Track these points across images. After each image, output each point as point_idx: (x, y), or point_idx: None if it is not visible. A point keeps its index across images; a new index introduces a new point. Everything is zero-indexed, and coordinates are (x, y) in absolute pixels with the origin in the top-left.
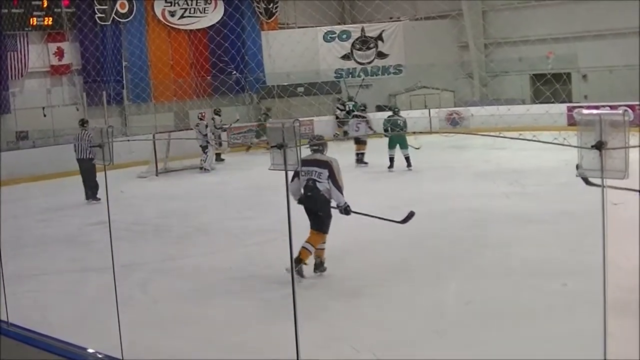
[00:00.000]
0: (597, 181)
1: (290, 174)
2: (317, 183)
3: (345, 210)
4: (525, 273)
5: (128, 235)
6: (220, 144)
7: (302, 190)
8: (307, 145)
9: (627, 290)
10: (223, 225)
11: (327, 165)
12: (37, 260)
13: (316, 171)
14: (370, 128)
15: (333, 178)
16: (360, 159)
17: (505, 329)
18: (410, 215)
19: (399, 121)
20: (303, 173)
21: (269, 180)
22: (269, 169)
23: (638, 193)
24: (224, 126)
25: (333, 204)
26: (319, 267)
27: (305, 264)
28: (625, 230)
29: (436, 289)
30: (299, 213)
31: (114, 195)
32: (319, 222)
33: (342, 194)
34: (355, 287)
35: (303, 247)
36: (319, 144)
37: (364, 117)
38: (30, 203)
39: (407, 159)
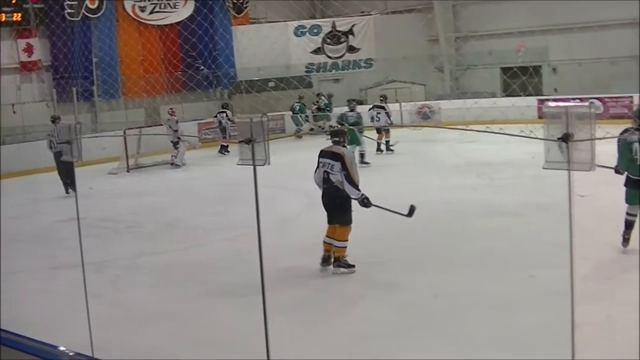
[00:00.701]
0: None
1: (259, 168)
2: (330, 175)
3: (363, 202)
4: (496, 265)
5: (99, 232)
6: (230, 136)
7: (322, 181)
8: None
9: (595, 280)
10: (194, 221)
11: (339, 157)
12: (8, 258)
13: (330, 163)
14: (389, 117)
15: (346, 170)
16: (388, 147)
17: (476, 319)
18: (412, 209)
19: (350, 118)
20: (320, 165)
21: (239, 175)
22: (237, 164)
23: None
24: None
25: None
26: (327, 261)
27: (345, 256)
28: (593, 222)
29: (408, 281)
30: (273, 206)
31: (85, 191)
32: (338, 214)
33: (356, 186)
34: (327, 281)
35: (335, 246)
36: (338, 134)
37: (382, 107)
38: (1, 200)
39: (362, 155)
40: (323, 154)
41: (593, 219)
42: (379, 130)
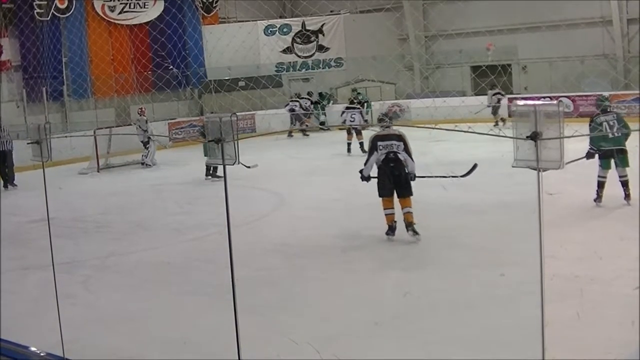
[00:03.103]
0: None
1: (228, 167)
2: (398, 155)
3: (413, 176)
4: (465, 264)
5: (69, 232)
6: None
7: (382, 162)
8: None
9: (564, 279)
10: (164, 220)
11: (401, 138)
12: None
13: (395, 144)
14: (363, 118)
15: (407, 149)
16: (362, 147)
17: (445, 318)
18: (474, 167)
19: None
20: (381, 147)
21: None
22: (207, 164)
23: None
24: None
25: None
26: (410, 226)
27: (415, 223)
28: (561, 220)
29: (376, 280)
30: (243, 206)
31: (55, 192)
32: (406, 187)
33: (413, 161)
34: (295, 279)
35: (405, 213)
36: (389, 119)
37: (357, 107)
38: None
39: (215, 168)
40: (383, 138)
41: (561, 217)
42: (349, 131)
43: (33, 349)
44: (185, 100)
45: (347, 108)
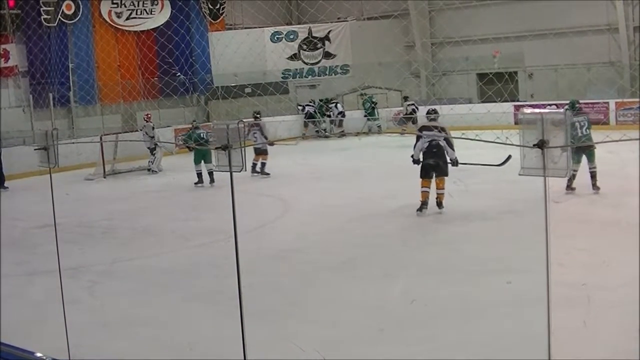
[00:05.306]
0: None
1: (236, 174)
2: (439, 142)
3: (456, 161)
4: (471, 271)
5: (75, 237)
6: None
7: (426, 149)
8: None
9: (570, 287)
10: (170, 226)
11: (444, 129)
12: None
13: (437, 134)
14: (264, 136)
15: (447, 140)
16: (262, 170)
17: (451, 325)
18: (508, 158)
19: (201, 134)
20: (425, 136)
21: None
22: (214, 171)
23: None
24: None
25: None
26: (425, 207)
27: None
28: (567, 227)
29: (382, 287)
30: (248, 212)
31: (61, 197)
32: (444, 170)
33: (454, 150)
34: (301, 286)
35: (438, 193)
36: (434, 113)
37: (257, 124)
38: None
39: (211, 174)
40: (427, 128)
41: (567, 224)
42: (257, 151)
43: (38, 354)
44: (192, 107)
45: (252, 126)
